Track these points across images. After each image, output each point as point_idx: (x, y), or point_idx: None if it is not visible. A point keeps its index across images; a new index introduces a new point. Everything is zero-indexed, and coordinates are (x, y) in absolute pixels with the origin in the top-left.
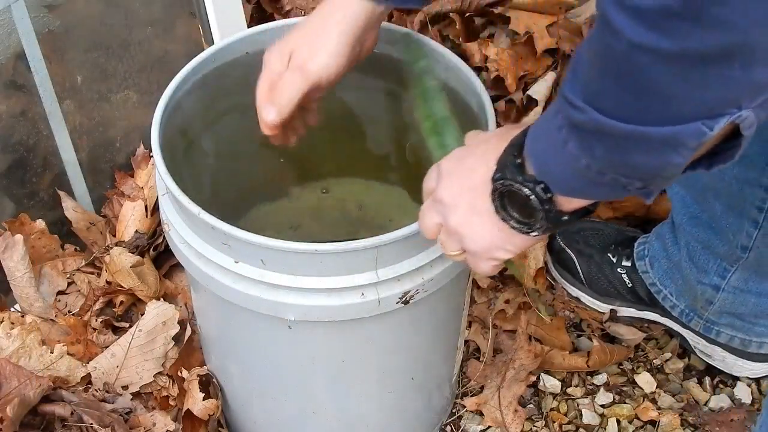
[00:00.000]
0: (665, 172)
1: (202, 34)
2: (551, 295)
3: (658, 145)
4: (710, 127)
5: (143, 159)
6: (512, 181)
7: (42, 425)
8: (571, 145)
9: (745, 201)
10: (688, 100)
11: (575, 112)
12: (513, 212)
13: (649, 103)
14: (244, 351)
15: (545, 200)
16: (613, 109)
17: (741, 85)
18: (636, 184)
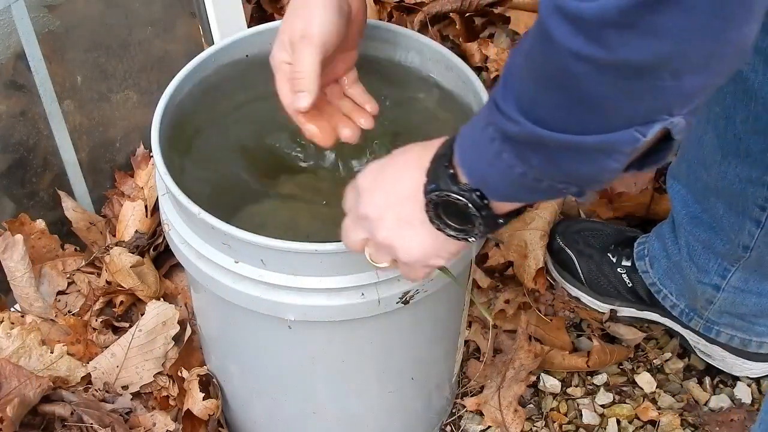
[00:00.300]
0: (601, 178)
1: (202, 34)
2: (551, 295)
3: (594, 153)
4: (643, 134)
5: (143, 159)
6: (447, 192)
7: (42, 425)
8: (505, 156)
9: (748, 200)
10: (622, 108)
11: (509, 124)
12: (449, 221)
13: (585, 112)
14: (244, 351)
15: (482, 207)
16: (548, 119)
17: (672, 94)
18: (572, 189)
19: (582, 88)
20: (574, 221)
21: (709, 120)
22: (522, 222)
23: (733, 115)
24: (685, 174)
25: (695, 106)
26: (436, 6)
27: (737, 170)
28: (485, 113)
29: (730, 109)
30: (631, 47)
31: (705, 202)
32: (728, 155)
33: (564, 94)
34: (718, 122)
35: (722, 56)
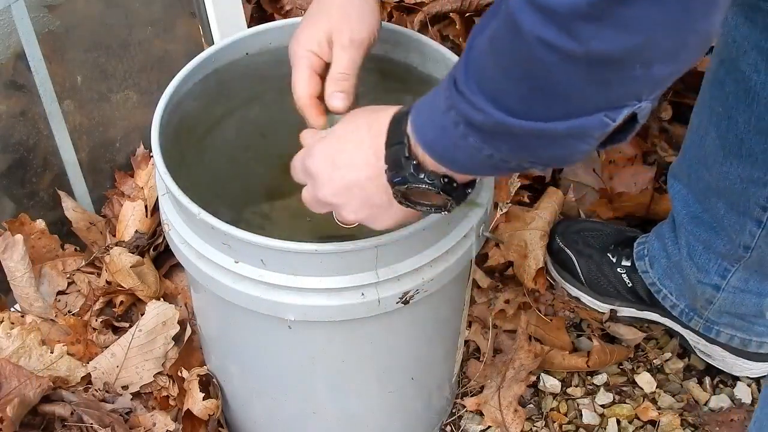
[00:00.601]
0: (572, 159)
1: (202, 34)
2: (551, 295)
3: (564, 138)
4: (613, 119)
5: (143, 159)
6: (416, 184)
7: (42, 425)
8: (471, 140)
9: (749, 200)
10: (593, 96)
11: (473, 112)
12: (420, 201)
13: (555, 101)
14: (244, 351)
15: (452, 188)
16: (517, 107)
17: (642, 82)
18: (538, 167)
19: (552, 78)
20: (573, 221)
21: (711, 120)
22: (522, 222)
23: (736, 115)
24: (686, 174)
25: (663, 90)
26: (436, 6)
27: (739, 170)
28: (445, 95)
29: (732, 110)
30: (602, 39)
31: (706, 202)
32: (730, 155)
33: (533, 84)
34: (720, 122)
35: (690, 45)
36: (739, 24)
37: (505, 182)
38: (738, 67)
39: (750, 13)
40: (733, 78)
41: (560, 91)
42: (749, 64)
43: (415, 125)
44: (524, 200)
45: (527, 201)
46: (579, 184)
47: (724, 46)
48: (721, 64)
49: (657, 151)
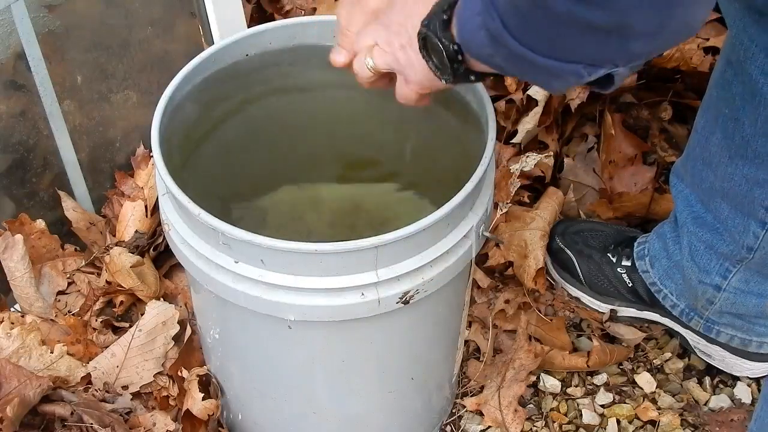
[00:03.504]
0: (552, 89)
1: (202, 34)
2: (551, 295)
3: (543, 70)
4: (589, 73)
5: (143, 159)
6: (433, 34)
7: (42, 425)
8: (482, 34)
9: (754, 202)
10: (572, 51)
11: (489, 16)
12: (431, 56)
13: (542, 41)
14: (244, 351)
15: (455, 60)
16: (514, 30)
17: (618, 52)
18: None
19: (541, 25)
20: (573, 221)
21: (717, 121)
22: (522, 222)
23: (742, 117)
24: (690, 174)
25: (641, 62)
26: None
27: (744, 171)
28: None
29: (738, 111)
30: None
31: (710, 203)
32: (735, 157)
33: (527, 21)
34: (726, 124)
35: (668, 30)
36: (747, 26)
37: (505, 182)
38: (745, 70)
39: (758, 17)
40: (740, 80)
41: (547, 38)
42: (757, 67)
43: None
44: (524, 200)
45: (527, 201)
46: (579, 184)
47: (731, 48)
48: (728, 66)
49: (657, 151)
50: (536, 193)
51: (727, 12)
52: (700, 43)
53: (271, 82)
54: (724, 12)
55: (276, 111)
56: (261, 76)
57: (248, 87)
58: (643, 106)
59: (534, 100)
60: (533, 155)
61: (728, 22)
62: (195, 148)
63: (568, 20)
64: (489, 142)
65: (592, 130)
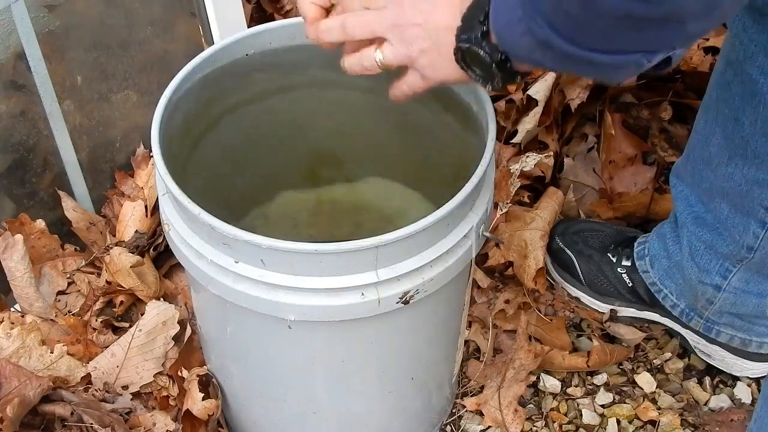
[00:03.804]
0: (611, 81)
1: (202, 34)
2: (551, 295)
3: (603, 67)
4: (649, 60)
5: (143, 159)
6: (477, 47)
7: (42, 425)
8: (528, 40)
9: (754, 202)
10: (632, 42)
11: (534, 22)
12: (474, 67)
13: (597, 39)
14: (244, 351)
15: (504, 67)
16: (566, 33)
17: (676, 36)
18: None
19: (595, 23)
20: (573, 221)
21: (717, 122)
22: (522, 222)
23: (742, 117)
24: (690, 174)
25: (696, 41)
26: None
27: (744, 171)
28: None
29: (738, 111)
30: (636, 4)
31: (710, 203)
32: (735, 157)
33: (580, 21)
34: (726, 124)
35: (721, 6)
36: (747, 26)
37: (505, 182)
38: (745, 70)
39: (758, 17)
40: (740, 80)
41: (603, 35)
42: (757, 67)
43: (494, 5)
44: (524, 200)
45: (527, 201)
46: (579, 184)
47: (731, 48)
48: (728, 66)
49: (657, 151)
50: (536, 193)
51: None
52: (700, 43)
53: (272, 82)
54: None
55: (276, 111)
56: (261, 76)
57: (248, 87)
58: (643, 106)
59: (534, 100)
60: (533, 155)
61: (728, 23)
62: (195, 148)
63: (621, 17)
64: (489, 142)
65: (592, 130)
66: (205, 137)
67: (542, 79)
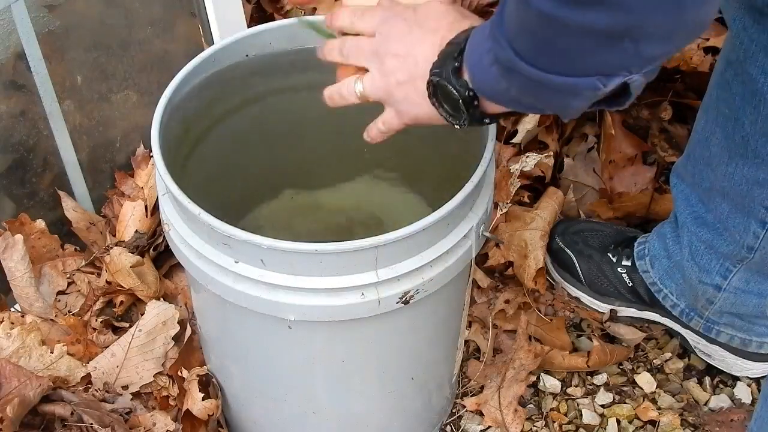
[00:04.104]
0: (570, 111)
1: (202, 34)
2: (551, 295)
3: (560, 90)
4: (604, 84)
5: (143, 159)
6: (446, 82)
7: (42, 425)
8: (494, 70)
9: (754, 201)
10: (586, 62)
11: (499, 47)
12: (443, 104)
13: (554, 58)
14: (244, 351)
15: (471, 105)
16: (526, 54)
17: (631, 57)
18: (548, 111)
19: (553, 42)
20: (573, 221)
21: (718, 121)
22: (522, 222)
23: (742, 117)
24: (690, 174)
25: (654, 68)
26: None
27: (744, 171)
28: (490, 25)
29: (738, 111)
30: (595, 14)
31: (710, 203)
32: (735, 156)
33: (538, 41)
34: (726, 123)
35: (680, 31)
36: (747, 26)
37: (505, 182)
38: (745, 70)
39: (758, 16)
40: (740, 80)
41: (559, 52)
42: (757, 66)
43: (469, 42)
44: (524, 200)
45: (527, 201)
46: (579, 184)
47: (731, 48)
48: (728, 66)
49: (657, 151)
50: (536, 193)
51: (727, 12)
52: (700, 43)
53: (271, 82)
54: (724, 12)
55: (276, 111)
56: (261, 77)
57: (248, 87)
58: (643, 106)
59: None
60: (533, 155)
61: (728, 22)
62: (195, 148)
63: (577, 29)
64: (489, 142)
65: (592, 130)
66: (205, 137)
67: None
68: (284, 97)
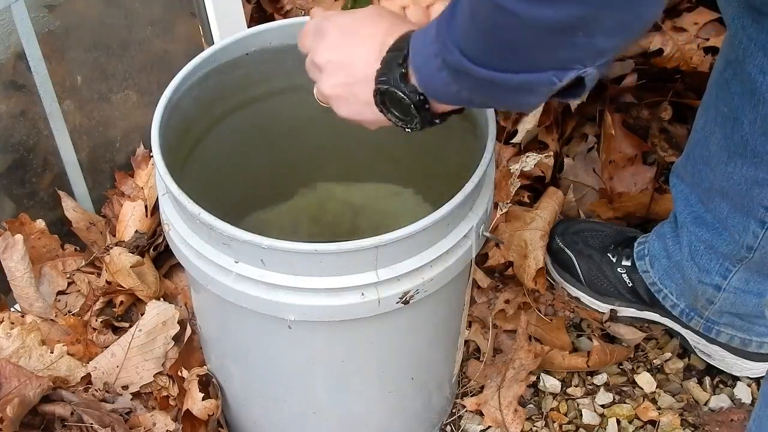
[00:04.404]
0: (523, 107)
1: (202, 34)
2: (551, 295)
3: (515, 88)
4: (559, 78)
5: (143, 159)
6: (395, 89)
7: (42, 425)
8: (444, 74)
9: (753, 201)
10: (541, 57)
11: (447, 51)
12: (392, 110)
13: (508, 56)
14: (244, 351)
15: (422, 108)
16: (477, 56)
17: (585, 50)
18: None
19: (506, 38)
20: (573, 222)
21: (717, 121)
22: (522, 222)
23: (741, 116)
24: (689, 174)
25: (606, 61)
26: None
27: (743, 171)
28: (435, 29)
29: (737, 111)
30: (549, 7)
31: (709, 203)
32: (735, 156)
33: (491, 39)
34: (725, 123)
35: (632, 25)
36: (746, 26)
37: (505, 182)
38: (744, 69)
39: (757, 16)
40: (739, 79)
41: (513, 49)
42: (755, 66)
43: (412, 46)
44: (524, 200)
45: (527, 201)
46: (579, 184)
47: (730, 48)
48: (727, 65)
49: (657, 151)
50: (536, 193)
51: (725, 11)
52: (700, 43)
53: (271, 82)
54: (723, 11)
55: (276, 111)
56: (261, 76)
57: (248, 87)
58: (643, 106)
59: None
60: (533, 155)
61: (727, 22)
62: (195, 148)
63: (533, 23)
64: (489, 142)
65: (592, 130)
66: (205, 137)
67: None
68: (285, 97)
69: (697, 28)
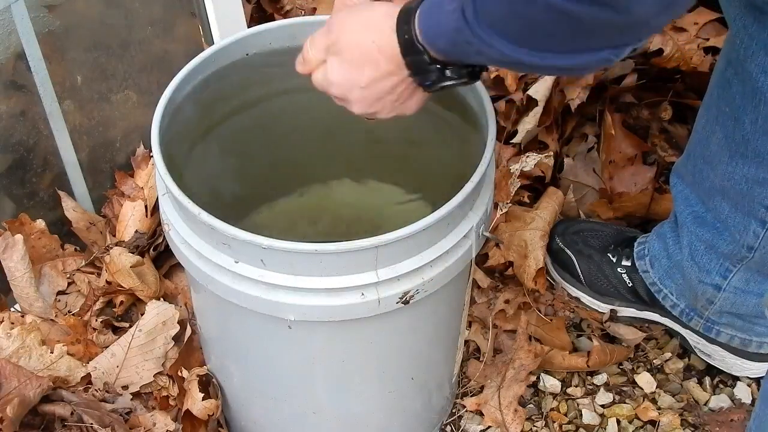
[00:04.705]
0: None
1: (202, 34)
2: (551, 295)
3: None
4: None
5: (143, 159)
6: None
7: (42, 425)
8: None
9: (754, 201)
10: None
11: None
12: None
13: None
14: (244, 351)
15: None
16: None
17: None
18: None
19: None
20: (573, 221)
21: (718, 120)
22: (522, 222)
23: (742, 116)
24: (690, 173)
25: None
26: None
27: (744, 170)
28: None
29: (739, 110)
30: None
31: (710, 202)
32: (736, 155)
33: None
34: (726, 123)
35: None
36: (748, 25)
37: (505, 182)
38: (745, 68)
39: (758, 15)
40: (740, 79)
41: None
42: (757, 65)
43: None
44: (524, 200)
45: (527, 201)
46: (579, 184)
47: (731, 47)
48: (728, 65)
49: (657, 151)
50: (536, 193)
51: (727, 11)
52: (700, 43)
53: (272, 83)
54: (725, 11)
55: (276, 111)
56: (261, 77)
57: (248, 87)
58: (643, 106)
59: (534, 100)
60: (533, 155)
61: (728, 21)
62: (195, 148)
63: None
64: (489, 142)
65: (592, 130)
66: (205, 137)
67: (542, 79)
68: (285, 97)
69: (697, 28)
